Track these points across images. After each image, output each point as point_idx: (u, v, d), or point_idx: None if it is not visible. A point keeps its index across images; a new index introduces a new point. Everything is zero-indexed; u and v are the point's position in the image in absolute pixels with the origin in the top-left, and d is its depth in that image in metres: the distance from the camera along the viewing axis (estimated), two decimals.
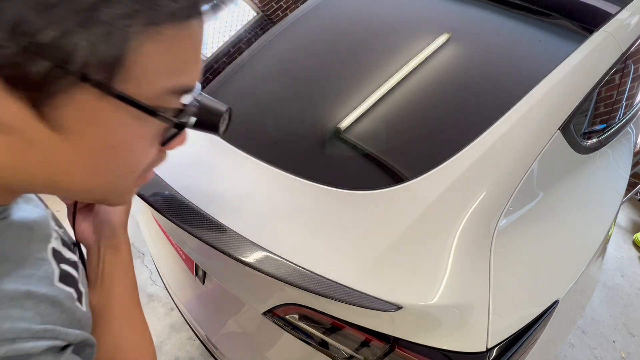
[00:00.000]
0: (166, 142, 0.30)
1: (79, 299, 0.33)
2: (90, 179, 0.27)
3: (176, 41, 0.24)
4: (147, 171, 0.32)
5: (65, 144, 0.23)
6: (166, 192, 0.63)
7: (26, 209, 0.32)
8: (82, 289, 0.35)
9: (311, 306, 0.58)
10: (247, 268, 0.52)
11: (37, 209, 0.34)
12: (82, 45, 0.20)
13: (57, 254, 0.32)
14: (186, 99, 0.28)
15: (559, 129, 0.70)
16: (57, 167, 0.25)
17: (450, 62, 0.78)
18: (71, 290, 0.31)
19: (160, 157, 0.32)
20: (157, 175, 0.66)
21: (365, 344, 0.58)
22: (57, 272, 0.30)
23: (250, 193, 0.65)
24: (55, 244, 0.33)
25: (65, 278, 0.31)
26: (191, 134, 0.34)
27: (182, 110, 0.28)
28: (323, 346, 0.62)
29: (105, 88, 0.22)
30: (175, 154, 0.35)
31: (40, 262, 0.29)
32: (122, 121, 0.25)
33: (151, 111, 0.25)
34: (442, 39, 0.81)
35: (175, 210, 0.60)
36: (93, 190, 0.29)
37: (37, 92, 0.21)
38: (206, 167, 0.71)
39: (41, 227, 0.32)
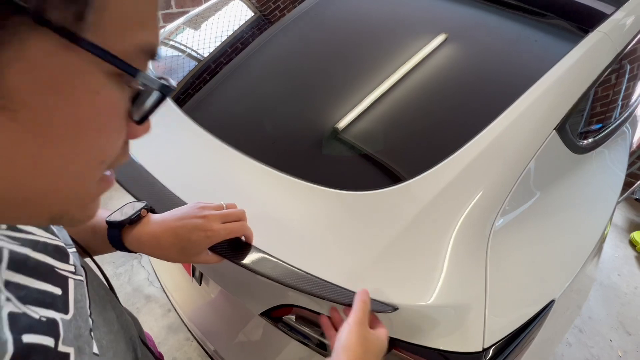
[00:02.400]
0: (143, 118, 0.23)
1: None
2: (45, 177, 0.19)
3: None
4: (114, 165, 0.24)
5: (10, 127, 0.16)
6: (160, 193, 0.62)
7: None
8: (69, 348, 0.25)
9: (308, 307, 0.58)
10: (243, 269, 0.52)
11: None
12: None
13: (15, 320, 0.22)
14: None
15: (554, 129, 0.70)
16: None
17: (446, 63, 0.78)
18: None
19: (125, 150, 0.25)
20: (151, 175, 0.65)
21: None
22: (7, 357, 0.20)
23: (246, 194, 0.65)
24: (13, 305, 0.22)
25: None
26: (188, 135, 0.34)
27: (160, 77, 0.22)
28: (320, 347, 0.62)
29: (72, 35, 0.16)
30: (169, 154, 0.35)
31: None
32: (94, 86, 0.18)
33: (132, 69, 0.19)
34: (438, 39, 0.81)
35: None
36: (47, 196, 0.20)
37: None
38: (202, 167, 0.71)
39: None
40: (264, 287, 0.61)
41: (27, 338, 0.22)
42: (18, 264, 0.25)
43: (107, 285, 0.42)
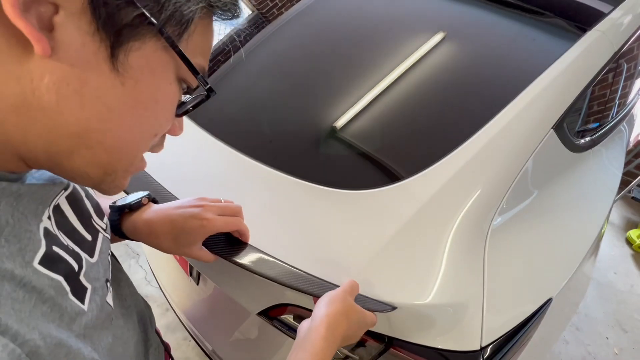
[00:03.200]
0: (182, 113, 0.32)
1: (77, 293, 0.27)
2: (123, 132, 0.27)
3: (210, 28, 0.29)
4: (154, 150, 0.33)
5: (118, 88, 0.25)
6: (156, 192, 0.62)
7: (43, 176, 0.30)
8: (87, 284, 0.29)
9: (306, 306, 0.58)
10: (240, 269, 0.52)
11: (50, 179, 0.31)
12: (172, 2, 0.24)
13: (49, 235, 0.27)
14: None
15: (552, 127, 0.70)
16: (100, 110, 0.25)
17: (444, 61, 0.78)
18: (58, 277, 0.25)
19: (161, 142, 0.33)
20: (148, 174, 0.65)
21: (360, 343, 0.58)
22: (40, 251, 0.25)
23: (243, 193, 0.64)
24: (51, 225, 0.28)
25: (52, 262, 0.26)
26: (184, 134, 0.35)
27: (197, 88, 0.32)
28: None
29: (173, 44, 0.25)
30: (165, 153, 0.35)
31: (20, 234, 0.24)
32: (170, 79, 0.28)
33: (197, 73, 0.28)
34: (436, 38, 0.81)
35: None
36: (116, 151, 0.28)
37: (118, 36, 0.23)
38: (199, 166, 0.71)
39: (40, 198, 0.28)
40: (262, 286, 0.61)
41: (56, 249, 0.27)
42: (72, 199, 0.33)
43: (121, 266, 0.45)
